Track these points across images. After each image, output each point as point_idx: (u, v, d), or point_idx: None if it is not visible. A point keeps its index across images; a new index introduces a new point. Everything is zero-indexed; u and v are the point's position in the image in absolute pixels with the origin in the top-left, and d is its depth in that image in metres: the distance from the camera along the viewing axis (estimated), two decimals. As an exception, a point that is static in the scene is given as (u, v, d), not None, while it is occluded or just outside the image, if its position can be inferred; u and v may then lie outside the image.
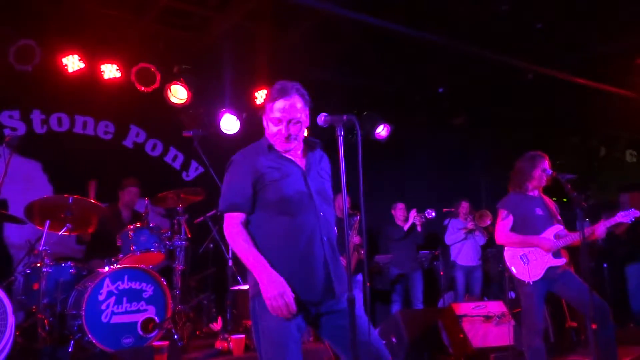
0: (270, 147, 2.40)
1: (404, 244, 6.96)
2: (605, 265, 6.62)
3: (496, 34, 6.11)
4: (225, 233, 2.35)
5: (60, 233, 4.70)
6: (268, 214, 2.32)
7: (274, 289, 2.16)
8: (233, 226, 2.33)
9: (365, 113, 7.60)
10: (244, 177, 2.33)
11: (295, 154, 2.44)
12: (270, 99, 2.34)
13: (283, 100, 2.31)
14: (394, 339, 5.09)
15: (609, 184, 8.92)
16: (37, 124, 6.00)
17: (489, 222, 6.91)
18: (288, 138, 2.34)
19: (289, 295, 2.17)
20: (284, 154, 2.40)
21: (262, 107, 2.41)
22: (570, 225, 4.01)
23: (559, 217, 4.03)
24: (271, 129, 2.37)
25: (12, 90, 5.74)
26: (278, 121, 2.33)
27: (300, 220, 2.30)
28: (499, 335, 4.97)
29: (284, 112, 2.31)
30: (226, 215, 2.36)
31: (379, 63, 6.94)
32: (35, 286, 4.47)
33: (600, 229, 3.84)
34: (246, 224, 2.35)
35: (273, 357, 2.23)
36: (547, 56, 6.72)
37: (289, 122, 2.32)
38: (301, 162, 2.43)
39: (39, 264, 4.48)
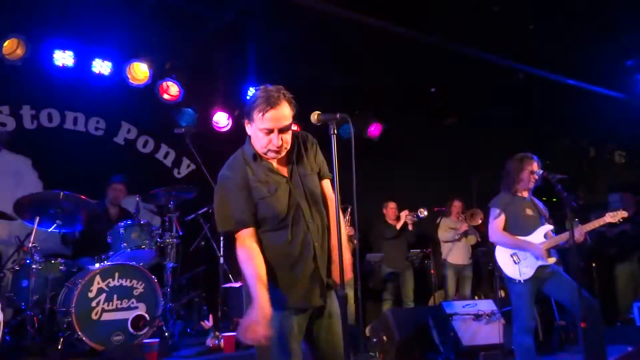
0: (256, 157, 2.36)
1: (395, 243, 6.99)
2: (594, 265, 6.68)
3: (488, 34, 6.14)
4: (237, 253, 2.30)
5: (50, 230, 4.67)
6: (263, 227, 2.34)
7: (257, 315, 2.12)
8: (244, 245, 2.28)
9: (357, 112, 7.61)
10: (242, 191, 2.30)
11: (280, 159, 2.39)
12: (259, 110, 2.24)
13: (274, 110, 2.24)
14: (384, 337, 5.10)
15: (598, 184, 8.99)
16: (27, 120, 5.94)
17: (480, 221, 6.95)
18: (280, 149, 2.30)
19: (264, 326, 2.12)
20: (270, 164, 2.37)
21: (247, 114, 2.32)
22: (559, 226, 4.04)
23: (549, 218, 4.05)
24: (261, 139, 2.30)
25: (1, 85, 5.68)
26: (269, 131, 2.27)
27: (293, 231, 2.32)
28: (489, 333, 5.00)
29: (276, 122, 2.25)
30: (237, 234, 2.31)
31: (371, 62, 6.94)
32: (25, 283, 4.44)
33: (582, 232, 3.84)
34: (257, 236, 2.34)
35: (276, 356, 2.24)
36: (538, 57, 6.76)
37: (280, 130, 2.27)
38: (285, 168, 2.40)
39: (28, 261, 4.45)
